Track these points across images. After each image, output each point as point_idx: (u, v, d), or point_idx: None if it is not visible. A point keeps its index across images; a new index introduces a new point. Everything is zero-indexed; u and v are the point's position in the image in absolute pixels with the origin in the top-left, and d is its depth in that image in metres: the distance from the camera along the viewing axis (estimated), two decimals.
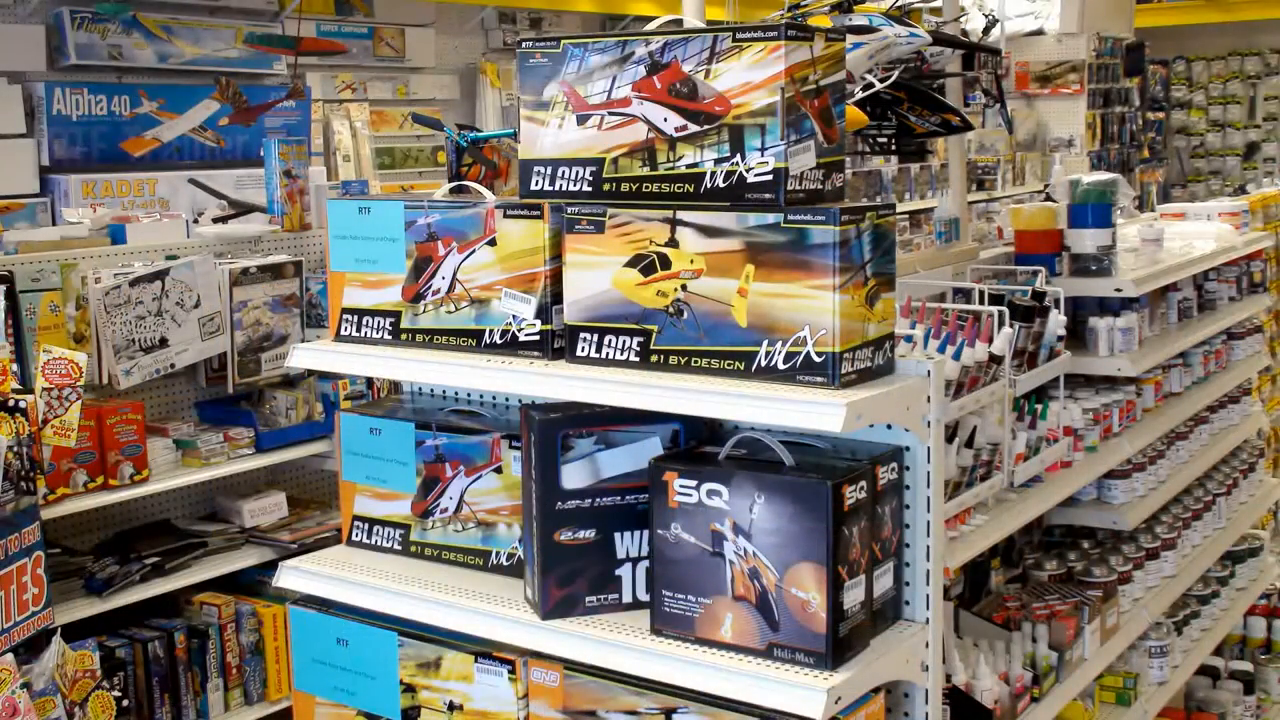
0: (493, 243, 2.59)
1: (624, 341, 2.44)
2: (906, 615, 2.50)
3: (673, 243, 2.38)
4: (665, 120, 2.45)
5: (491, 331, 2.60)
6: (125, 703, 4.08)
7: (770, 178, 2.34)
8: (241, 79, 7.36)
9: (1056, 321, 3.45)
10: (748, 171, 2.36)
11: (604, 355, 2.46)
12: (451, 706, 2.62)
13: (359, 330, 2.78)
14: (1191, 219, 5.45)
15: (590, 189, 2.54)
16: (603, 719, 2.44)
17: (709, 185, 2.41)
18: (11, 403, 3.44)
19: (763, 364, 2.31)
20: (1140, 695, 4.09)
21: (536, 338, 2.55)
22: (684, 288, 2.38)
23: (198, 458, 4.42)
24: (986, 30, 6.47)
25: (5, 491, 3.39)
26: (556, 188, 2.58)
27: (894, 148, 4.54)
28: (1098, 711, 3.96)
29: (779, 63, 2.31)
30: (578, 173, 2.56)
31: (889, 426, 2.46)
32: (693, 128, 2.42)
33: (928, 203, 10.63)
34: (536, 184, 2.61)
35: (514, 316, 2.57)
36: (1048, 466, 3.44)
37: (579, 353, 2.49)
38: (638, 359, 2.43)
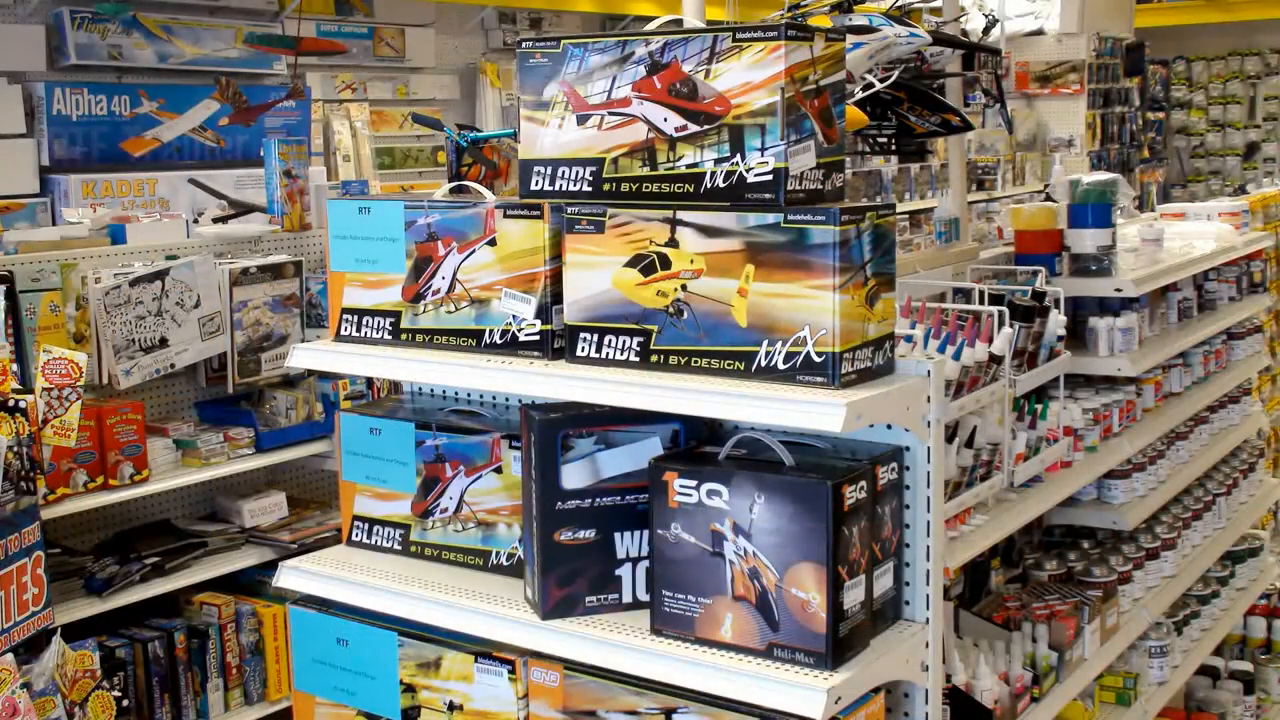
0: (493, 243, 2.59)
1: (624, 341, 2.44)
2: (906, 615, 2.50)
3: (673, 243, 2.38)
4: (665, 120, 2.45)
5: (491, 331, 2.60)
6: (125, 703, 4.08)
7: (770, 178, 2.34)
8: (241, 79, 7.37)
9: (1056, 321, 3.45)
10: (748, 171, 2.36)
11: (604, 355, 2.46)
12: (451, 706, 2.62)
13: (359, 330, 2.78)
14: (1191, 219, 5.45)
15: (590, 189, 2.54)
16: (603, 719, 2.44)
17: (709, 185, 2.41)
18: (11, 403, 3.44)
19: (763, 364, 2.31)
20: (1140, 695, 4.09)
21: (536, 338, 2.55)
22: (684, 288, 2.38)
23: (198, 458, 4.42)
24: (986, 30, 6.47)
25: (5, 491, 3.39)
26: (556, 188, 2.58)
27: (894, 148, 4.54)
28: (1098, 711, 3.96)
29: (779, 63, 2.31)
30: (578, 173, 2.56)
31: (889, 426, 2.46)
32: (693, 128, 2.42)
33: (928, 203, 10.63)
34: (536, 184, 2.61)
35: (514, 316, 2.57)
36: (1048, 466, 3.44)
37: (579, 353, 2.49)
38: (638, 359, 2.43)
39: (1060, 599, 3.66)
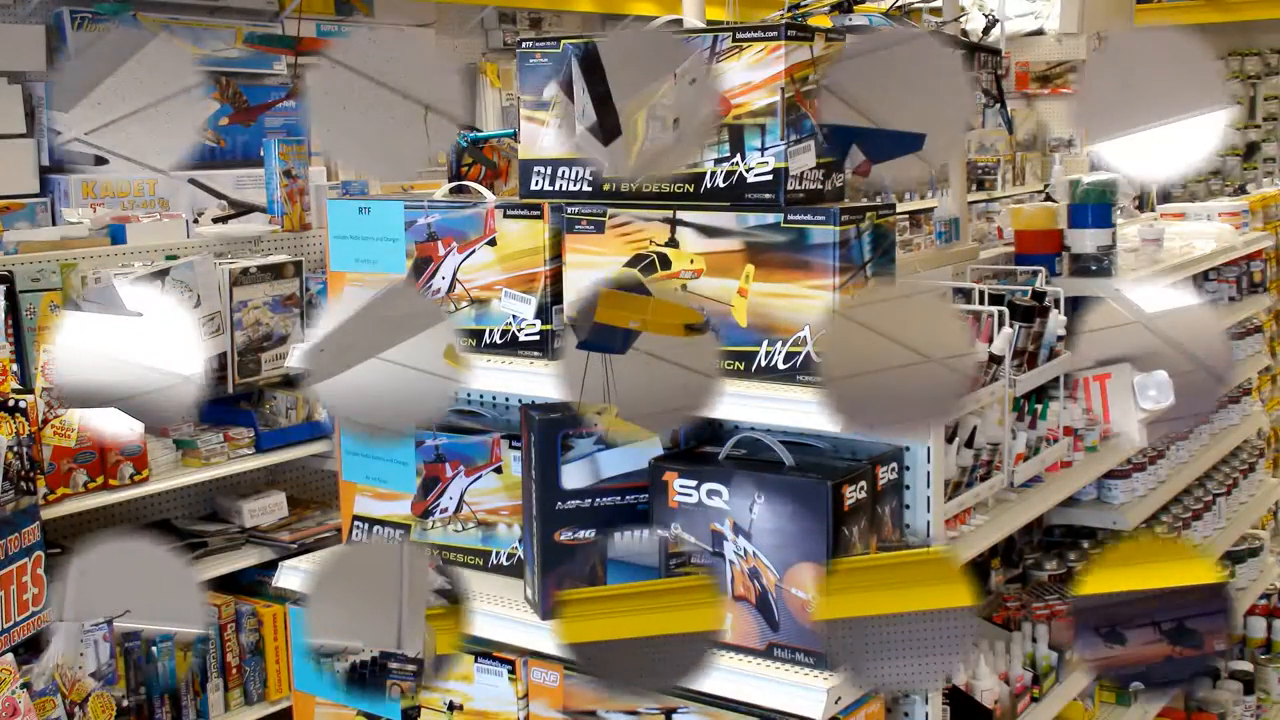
0: (493, 243, 2.59)
1: None
2: None
3: (673, 243, 2.38)
4: None
5: (491, 331, 2.60)
6: (125, 703, 4.08)
7: (770, 178, 2.34)
8: (241, 79, 7.36)
9: (1056, 321, 3.45)
10: (748, 171, 2.36)
11: None
12: (451, 706, 2.62)
13: None
14: (1191, 219, 5.45)
15: (590, 189, 2.54)
16: (603, 719, 2.44)
17: (709, 185, 2.41)
18: (11, 403, 3.44)
19: (763, 364, 2.31)
20: (1140, 695, 4.08)
21: (536, 338, 2.55)
22: (684, 288, 2.38)
23: (198, 458, 4.42)
24: (986, 30, 6.47)
25: (5, 491, 3.39)
26: (556, 188, 2.58)
27: None
28: (1098, 711, 3.96)
29: (779, 63, 2.31)
30: (578, 173, 2.55)
31: None
32: None
33: (928, 203, 10.63)
34: (536, 184, 2.61)
35: (514, 316, 2.57)
36: (1048, 466, 3.43)
37: None
38: None
39: (1060, 599, 3.66)
